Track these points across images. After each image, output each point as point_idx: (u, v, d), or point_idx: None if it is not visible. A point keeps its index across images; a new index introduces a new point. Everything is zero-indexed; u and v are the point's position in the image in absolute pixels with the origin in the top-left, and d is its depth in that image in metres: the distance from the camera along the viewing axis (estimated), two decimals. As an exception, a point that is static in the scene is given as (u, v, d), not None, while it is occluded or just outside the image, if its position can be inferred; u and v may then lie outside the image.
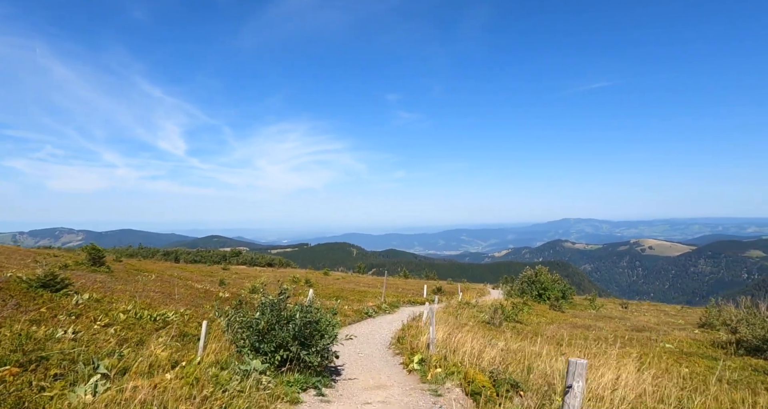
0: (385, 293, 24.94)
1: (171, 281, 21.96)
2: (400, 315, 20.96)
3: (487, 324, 18.17)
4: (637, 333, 23.63)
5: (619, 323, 27.02)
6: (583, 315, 30.04)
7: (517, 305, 20.34)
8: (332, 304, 21.12)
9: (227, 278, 35.09)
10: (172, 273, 28.95)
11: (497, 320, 18.16)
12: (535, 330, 19.27)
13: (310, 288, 29.97)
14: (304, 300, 14.47)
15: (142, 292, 14.75)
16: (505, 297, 38.26)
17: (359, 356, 10.78)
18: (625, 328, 25.22)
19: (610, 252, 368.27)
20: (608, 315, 31.88)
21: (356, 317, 18.29)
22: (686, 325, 29.34)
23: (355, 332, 14.94)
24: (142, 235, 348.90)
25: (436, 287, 33.94)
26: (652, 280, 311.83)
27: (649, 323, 28.92)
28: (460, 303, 25.47)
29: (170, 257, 78.47)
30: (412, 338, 11.13)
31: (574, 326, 23.37)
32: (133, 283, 17.94)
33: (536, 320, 24.12)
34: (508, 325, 18.66)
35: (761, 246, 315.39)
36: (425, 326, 14.18)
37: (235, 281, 31.67)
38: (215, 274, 38.13)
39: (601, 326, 24.74)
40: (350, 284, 38.34)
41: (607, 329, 23.40)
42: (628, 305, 45.92)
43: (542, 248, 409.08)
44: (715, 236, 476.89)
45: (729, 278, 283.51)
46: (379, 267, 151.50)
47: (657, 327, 26.41)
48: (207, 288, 20.44)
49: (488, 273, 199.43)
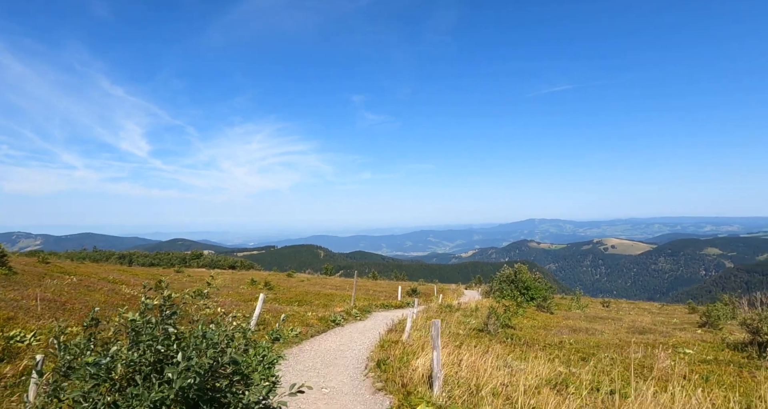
0: (355, 296, 21.47)
1: (96, 285, 17.94)
2: (374, 322, 17.55)
3: (480, 332, 14.98)
4: (641, 336, 20.97)
5: (616, 325, 24.37)
6: (573, 316, 27.32)
7: (510, 308, 17.26)
8: (293, 310, 17.54)
9: (176, 281, 30.91)
10: (107, 276, 24.75)
11: (492, 326, 14.98)
12: (535, 337, 16.21)
13: (269, 291, 26.18)
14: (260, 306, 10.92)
15: (21, 300, 10.87)
16: (482, 297, 35.35)
17: (322, 394, 7.17)
18: (625, 330, 22.54)
19: (574, 251, 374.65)
20: (597, 315, 29.30)
21: (321, 326, 14.80)
22: (683, 324, 27.01)
23: (319, 347, 11.48)
24: (103, 239, 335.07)
25: (411, 289, 30.69)
26: (615, 278, 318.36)
27: (644, 323, 26.45)
28: (441, 306, 22.27)
29: (125, 261, 73.52)
30: (400, 362, 7.67)
31: (572, 330, 20.50)
32: (31, 287, 13.94)
33: (528, 323, 21.15)
34: (504, 332, 15.52)
35: (718, 244, 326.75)
36: (411, 339, 10.83)
37: (183, 285, 27.63)
38: (164, 277, 33.85)
39: (599, 328, 21.98)
40: (316, 286, 34.66)
41: (607, 333, 20.62)
42: (610, 303, 43.86)
43: (508, 248, 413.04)
44: (674, 234, 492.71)
45: (688, 275, 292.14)
46: (346, 269, 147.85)
47: (656, 328, 23.87)
48: (135, 293, 16.55)
49: (456, 273, 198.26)
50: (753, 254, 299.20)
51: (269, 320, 13.95)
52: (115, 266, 49.40)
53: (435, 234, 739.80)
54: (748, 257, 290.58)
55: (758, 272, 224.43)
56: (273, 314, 15.69)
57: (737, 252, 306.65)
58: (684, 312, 40.77)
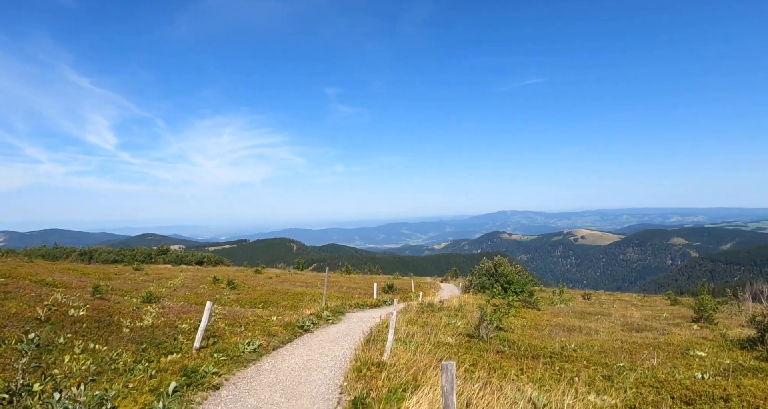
0: (326, 294, 19.25)
1: (22, 290, 15.25)
2: (348, 326, 15.40)
3: (472, 339, 13.01)
4: (637, 334, 19.41)
5: (607, 322, 22.84)
6: (560, 312, 25.73)
7: (500, 308, 15.37)
8: (255, 315, 15.23)
9: (131, 280, 28.09)
10: (47, 278, 21.84)
11: (485, 331, 13.02)
12: (531, 342, 14.34)
13: (231, 291, 23.70)
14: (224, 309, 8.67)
15: None
16: (462, 292, 33.61)
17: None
18: (620, 328, 20.98)
19: (545, 242, 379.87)
20: (585, 311, 27.83)
21: (287, 334, 12.55)
22: (675, 319, 25.73)
23: (282, 366, 9.28)
24: (70, 235, 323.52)
25: (387, 285, 28.57)
26: (585, 268, 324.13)
27: (635, 318, 25.06)
28: (422, 306, 20.26)
29: (85, 258, 69.64)
30: (385, 403, 5.50)
31: (566, 330, 18.77)
32: None
33: (518, 322, 19.35)
34: (497, 337, 13.59)
35: (684, 234, 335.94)
36: (396, 358, 8.70)
37: (137, 285, 24.90)
38: (118, 276, 30.94)
39: (592, 326, 20.33)
40: (285, 283, 32.23)
41: (603, 332, 18.97)
42: (591, 295, 42.83)
43: (480, 240, 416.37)
44: (642, 225, 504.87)
45: (655, 264, 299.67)
46: (320, 262, 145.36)
47: (649, 324, 22.43)
48: (67, 301, 13.94)
49: (429, 266, 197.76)
50: (717, 244, 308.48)
51: (224, 330, 11.61)
52: (71, 264, 45.90)
53: (408, 226, 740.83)
54: (712, 247, 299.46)
55: (722, 261, 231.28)
56: (232, 321, 13.38)
57: (702, 242, 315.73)
58: (666, 304, 39.94)
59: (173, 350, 8.50)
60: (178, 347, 8.76)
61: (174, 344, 8.84)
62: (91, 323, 10.03)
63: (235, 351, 9.29)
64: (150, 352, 8.23)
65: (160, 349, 8.51)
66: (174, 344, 8.84)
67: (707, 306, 23.44)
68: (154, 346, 8.56)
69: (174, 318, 11.83)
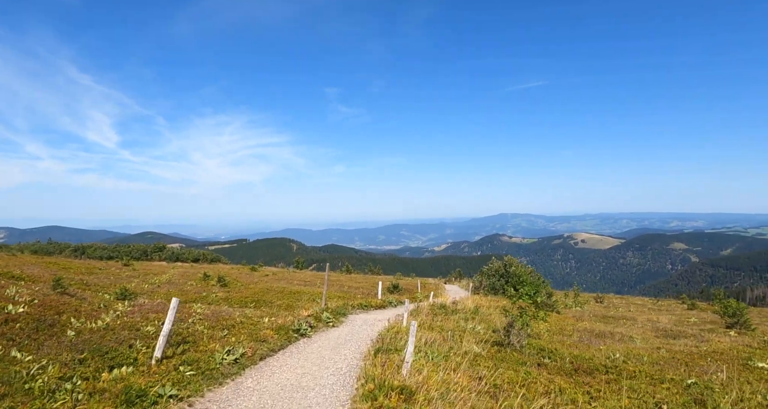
0: (326, 294, 17.11)
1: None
2: (351, 329, 13.28)
3: (502, 347, 10.89)
4: (674, 341, 17.27)
5: (636, 327, 20.71)
6: (581, 316, 23.58)
7: (526, 311, 13.26)
8: (244, 316, 13.08)
9: (113, 275, 25.94)
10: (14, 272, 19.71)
11: (516, 338, 10.90)
12: (568, 350, 12.22)
13: (221, 288, 21.53)
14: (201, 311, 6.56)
15: None
16: (471, 294, 31.44)
17: None
18: (652, 334, 18.85)
19: (545, 245, 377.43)
20: (606, 315, 25.72)
21: (279, 339, 10.42)
22: (705, 324, 23.60)
23: (269, 383, 7.14)
24: (70, 232, 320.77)
25: (392, 285, 26.39)
26: (585, 272, 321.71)
27: (663, 323, 22.92)
28: (433, 307, 18.15)
29: (78, 253, 67.95)
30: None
31: (595, 336, 16.63)
32: None
33: (542, 326, 17.23)
34: (530, 345, 11.47)
35: (683, 239, 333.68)
36: (421, 377, 6.56)
37: (120, 280, 22.73)
38: (103, 271, 28.79)
39: (622, 332, 18.19)
40: (282, 281, 30.04)
41: (637, 338, 16.83)
42: (603, 298, 40.73)
43: (480, 242, 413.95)
44: (642, 229, 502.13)
45: (655, 269, 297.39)
46: (319, 262, 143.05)
47: (683, 330, 20.29)
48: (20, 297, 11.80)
49: (429, 267, 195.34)
50: (717, 249, 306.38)
51: (201, 334, 9.44)
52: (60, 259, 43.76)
53: (408, 228, 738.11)
54: (713, 252, 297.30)
55: (722, 267, 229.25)
56: (214, 322, 11.22)
57: (702, 247, 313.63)
58: (683, 308, 37.91)
59: (124, 362, 6.32)
60: (132, 357, 6.55)
61: (127, 354, 6.60)
62: (28, 323, 7.83)
63: (210, 363, 7.15)
64: (91, 364, 6.04)
65: (105, 359, 6.27)
66: (127, 354, 6.60)
67: (743, 312, 21.31)
68: (99, 355, 6.34)
69: (139, 319, 9.49)
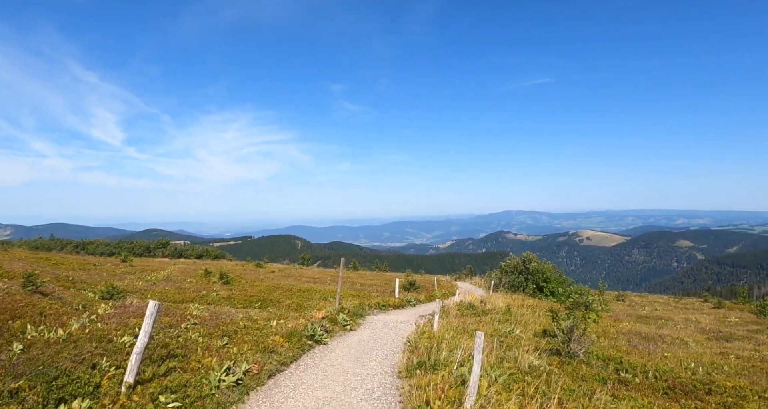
0: (340, 292, 15.24)
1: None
2: (373, 333, 11.43)
3: (561, 357, 9.00)
4: (728, 344, 15.37)
5: (679, 328, 18.77)
6: (618, 316, 21.62)
7: (575, 314, 11.40)
8: (248, 318, 11.21)
9: (107, 272, 24.13)
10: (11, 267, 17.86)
11: (578, 346, 9.01)
12: (638, 360, 10.32)
13: (224, 286, 19.65)
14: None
15: None
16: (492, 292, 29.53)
17: None
18: (702, 336, 16.92)
19: (550, 243, 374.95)
20: (638, 314, 23.78)
21: (291, 347, 8.55)
22: (748, 324, 21.63)
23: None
24: (76, 229, 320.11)
25: (408, 282, 24.44)
26: (590, 269, 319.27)
27: (705, 324, 20.97)
28: (461, 307, 16.27)
29: (80, 249, 67.13)
30: None
31: (643, 339, 14.70)
32: None
33: (591, 329, 15.32)
34: (593, 354, 9.57)
35: (689, 236, 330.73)
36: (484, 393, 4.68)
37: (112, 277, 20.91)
38: (97, 267, 27.01)
39: (669, 334, 16.26)
40: (289, 278, 28.16)
41: (690, 341, 14.90)
42: (625, 296, 38.75)
43: (485, 239, 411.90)
44: (648, 227, 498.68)
45: (661, 267, 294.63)
46: (324, 259, 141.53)
47: (732, 332, 18.34)
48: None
49: (435, 264, 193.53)
50: (723, 247, 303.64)
51: (195, 344, 7.55)
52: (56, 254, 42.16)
53: (413, 225, 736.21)
54: (719, 250, 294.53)
55: (728, 264, 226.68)
56: (212, 328, 9.34)
57: (708, 244, 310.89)
58: (708, 306, 35.95)
59: (79, 392, 4.38)
60: (93, 382, 4.57)
61: (86, 378, 4.58)
62: (-33, 333, 6.00)
63: (202, 387, 5.28)
64: (29, 397, 4.10)
65: (52, 389, 4.26)
66: (86, 378, 4.58)
67: None
68: (45, 383, 4.37)
69: (115, 326, 7.46)
